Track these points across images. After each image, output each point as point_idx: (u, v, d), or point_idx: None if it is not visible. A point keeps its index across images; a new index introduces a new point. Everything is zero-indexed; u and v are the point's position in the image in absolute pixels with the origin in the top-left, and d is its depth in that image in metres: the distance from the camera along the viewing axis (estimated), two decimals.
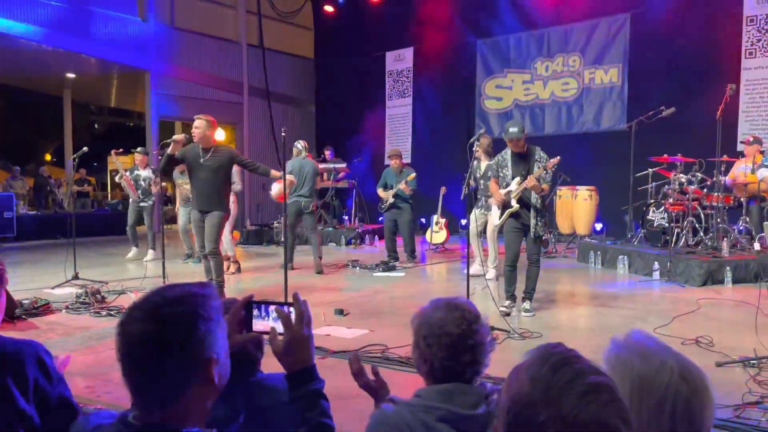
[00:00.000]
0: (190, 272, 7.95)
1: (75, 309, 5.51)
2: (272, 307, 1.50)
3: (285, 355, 1.43)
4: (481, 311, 1.72)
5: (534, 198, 5.30)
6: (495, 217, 5.62)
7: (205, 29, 14.76)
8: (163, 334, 1.11)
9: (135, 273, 7.71)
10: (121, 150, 9.74)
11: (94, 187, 17.63)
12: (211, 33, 14.90)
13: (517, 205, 5.32)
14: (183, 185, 8.63)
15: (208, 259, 5.92)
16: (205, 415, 1.20)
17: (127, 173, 9.36)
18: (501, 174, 5.49)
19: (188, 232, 8.97)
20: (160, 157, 8.09)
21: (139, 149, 9.52)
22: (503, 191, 5.40)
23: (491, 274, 7.07)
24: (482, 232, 7.43)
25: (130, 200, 9.49)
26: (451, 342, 1.59)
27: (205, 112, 5.78)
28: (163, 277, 6.71)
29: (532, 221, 5.29)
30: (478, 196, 7.53)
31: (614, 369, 1.17)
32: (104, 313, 5.37)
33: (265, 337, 1.48)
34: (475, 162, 7.52)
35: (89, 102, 26.24)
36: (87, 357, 4.09)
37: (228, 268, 7.97)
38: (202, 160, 5.79)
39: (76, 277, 6.87)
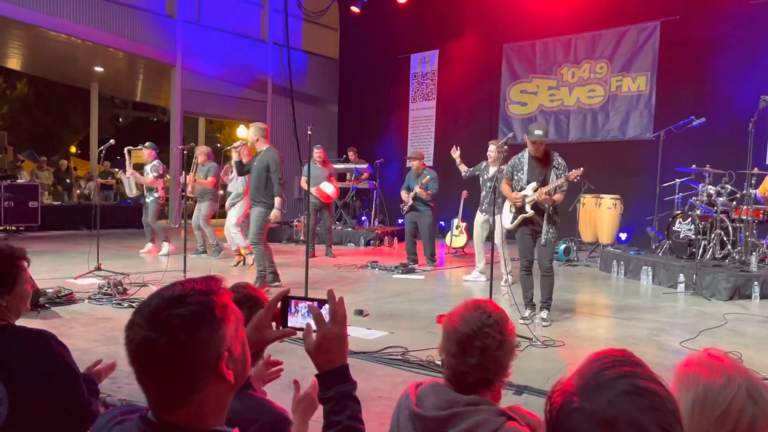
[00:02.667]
0: (205, 266, 7.99)
1: (97, 300, 5.55)
2: (305, 303, 1.48)
3: (317, 353, 1.39)
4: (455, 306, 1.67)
5: (546, 206, 5.23)
6: (506, 220, 5.52)
7: (231, 27, 14.87)
8: (161, 341, 1.06)
9: (156, 266, 7.76)
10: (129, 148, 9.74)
11: (118, 180, 17.81)
12: (237, 31, 15.01)
13: (532, 212, 5.25)
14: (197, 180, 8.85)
15: (261, 251, 6.51)
16: (225, 409, 1.16)
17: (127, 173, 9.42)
18: (515, 177, 5.40)
19: (200, 228, 9.07)
20: (184, 153, 8.21)
21: (147, 144, 9.55)
22: (519, 194, 5.31)
23: (509, 280, 6.99)
24: (487, 237, 7.37)
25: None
26: (460, 339, 1.56)
27: (229, 109, 6.21)
28: (183, 271, 6.76)
29: (544, 228, 5.21)
30: (481, 200, 7.48)
31: (681, 380, 1.15)
32: (125, 304, 5.40)
33: (300, 333, 1.45)
34: (484, 163, 7.48)
35: (115, 95, 26.62)
36: (109, 347, 4.11)
37: (237, 264, 8.20)
38: (253, 163, 6.58)
39: (98, 268, 6.94)
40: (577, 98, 12.19)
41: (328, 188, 9.23)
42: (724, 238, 7.36)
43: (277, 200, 6.42)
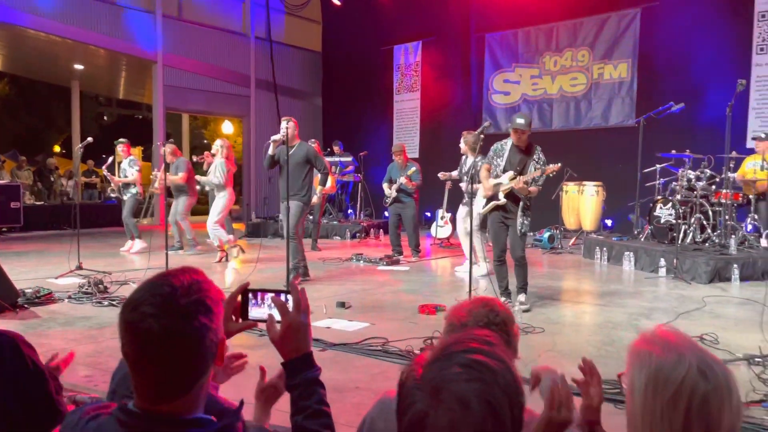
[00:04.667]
0: (186, 263, 7.96)
1: (77, 299, 5.51)
2: (268, 295, 1.50)
3: (282, 342, 1.43)
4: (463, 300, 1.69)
5: (523, 196, 5.26)
6: (479, 205, 5.54)
7: (212, 21, 14.76)
8: (185, 327, 1.10)
9: (138, 264, 7.72)
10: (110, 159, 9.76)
11: (102, 179, 17.67)
12: (218, 25, 14.91)
13: (504, 200, 5.27)
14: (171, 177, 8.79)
15: (299, 246, 6.59)
16: (206, 396, 1.19)
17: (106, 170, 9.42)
18: (494, 162, 5.41)
19: (177, 224, 9.03)
20: (163, 149, 8.14)
21: (121, 139, 9.51)
22: (492, 182, 5.34)
23: (485, 268, 7.00)
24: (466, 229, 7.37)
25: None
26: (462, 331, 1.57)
27: (212, 105, 6.04)
28: (166, 268, 6.72)
29: (519, 219, 5.23)
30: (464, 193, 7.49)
31: (634, 358, 1.15)
32: (106, 303, 5.37)
33: (262, 324, 1.48)
34: (463, 157, 7.48)
35: (98, 93, 26.37)
36: (87, 347, 4.09)
37: (220, 260, 8.15)
38: (286, 156, 6.38)
39: (79, 267, 6.89)
40: (559, 86, 12.22)
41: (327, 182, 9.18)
42: (704, 222, 7.43)
43: (321, 188, 6.78)
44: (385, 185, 8.75)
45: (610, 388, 3.24)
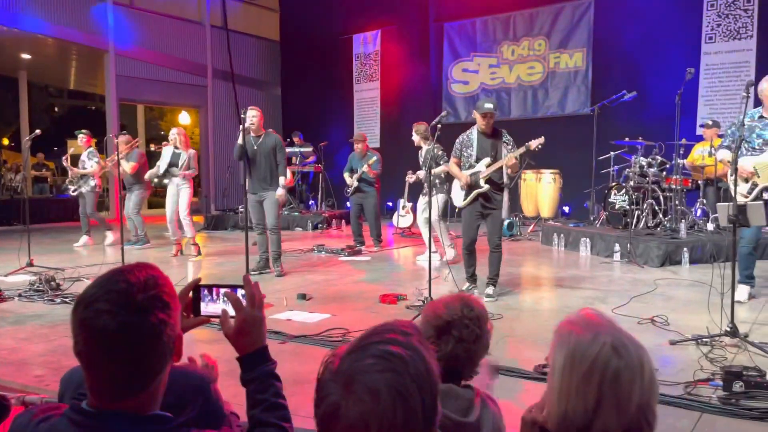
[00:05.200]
0: (146, 258, 7.80)
1: (28, 297, 5.34)
2: (222, 290, 1.49)
3: (237, 337, 1.43)
4: (443, 295, 1.72)
5: (505, 179, 5.31)
6: (458, 199, 5.53)
7: (166, 9, 14.40)
8: (142, 323, 1.08)
9: (92, 259, 7.52)
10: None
11: (54, 172, 17.10)
12: (172, 13, 14.55)
13: (487, 186, 5.29)
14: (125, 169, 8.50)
15: (265, 234, 6.58)
16: (162, 395, 1.18)
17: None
18: (465, 154, 5.44)
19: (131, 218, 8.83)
20: (116, 141, 7.90)
21: (82, 131, 9.25)
22: (468, 172, 5.36)
23: (451, 254, 7.07)
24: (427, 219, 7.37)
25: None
26: (438, 324, 1.59)
27: (168, 95, 5.84)
28: (122, 263, 6.57)
29: (505, 201, 5.30)
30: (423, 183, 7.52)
31: (557, 338, 1.19)
32: (58, 300, 5.22)
33: (215, 320, 1.48)
34: (420, 150, 7.49)
35: (48, 84, 25.45)
36: (39, 346, 3.97)
37: (177, 255, 7.96)
38: (255, 146, 6.41)
39: (30, 264, 6.67)
40: (517, 75, 12.36)
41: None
42: (656, 208, 7.66)
43: (285, 180, 6.59)
44: (346, 175, 8.73)
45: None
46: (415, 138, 7.30)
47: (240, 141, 6.33)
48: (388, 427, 0.88)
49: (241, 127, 6.28)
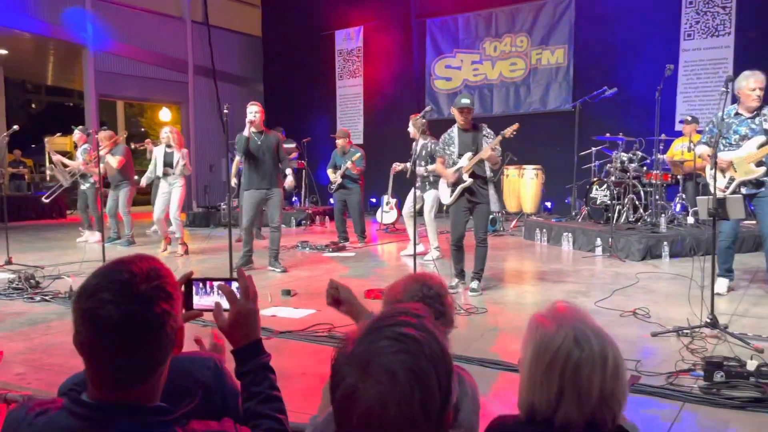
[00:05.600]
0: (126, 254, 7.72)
1: (7, 295, 5.26)
2: (216, 283, 1.50)
3: (231, 330, 1.43)
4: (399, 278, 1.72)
5: (488, 172, 5.33)
6: (445, 196, 5.55)
7: (146, 5, 14.21)
8: (146, 313, 1.08)
9: (72, 257, 7.42)
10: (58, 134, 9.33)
11: (31, 169, 16.81)
12: (153, 8, 14.36)
13: (471, 180, 5.31)
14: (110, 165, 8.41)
15: (252, 235, 6.63)
16: (162, 387, 1.19)
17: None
18: (447, 152, 5.46)
19: (117, 216, 8.74)
20: (96, 137, 7.79)
21: (80, 127, 9.15)
22: (452, 169, 5.38)
23: (434, 254, 7.11)
24: (419, 213, 7.37)
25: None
26: None
27: (149, 91, 5.76)
28: (103, 261, 6.50)
29: (492, 197, 5.34)
30: (417, 179, 7.52)
31: (528, 331, 1.23)
32: (38, 298, 5.15)
33: (206, 314, 1.49)
34: (414, 142, 7.50)
35: (25, 80, 25.04)
36: (19, 344, 3.91)
37: (165, 249, 7.87)
38: (259, 142, 6.30)
39: (9, 262, 6.57)
40: (499, 72, 12.42)
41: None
42: (637, 202, 7.75)
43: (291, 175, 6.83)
44: (329, 171, 8.71)
45: None
46: (411, 130, 7.25)
47: (246, 133, 6.22)
48: (407, 407, 0.89)
49: (247, 119, 6.20)
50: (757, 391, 2.88)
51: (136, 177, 8.83)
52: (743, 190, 4.77)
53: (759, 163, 4.71)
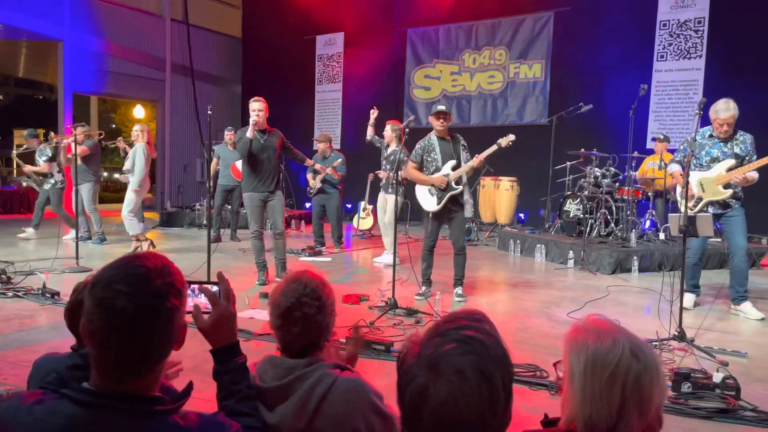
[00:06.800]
0: (99, 253, 7.62)
1: None
2: (196, 286, 1.53)
3: (213, 330, 1.49)
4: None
5: (464, 180, 5.43)
6: (430, 204, 5.58)
7: (125, 1, 14.04)
8: (158, 307, 1.13)
9: (44, 254, 7.29)
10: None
11: (4, 162, 16.42)
12: (131, 5, 14.21)
13: (461, 187, 5.39)
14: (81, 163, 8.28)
15: (262, 239, 6.11)
16: (160, 380, 1.23)
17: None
18: (429, 158, 5.50)
19: (85, 213, 8.60)
20: (75, 132, 7.66)
21: (27, 133, 8.99)
22: (438, 175, 5.40)
23: (388, 259, 7.13)
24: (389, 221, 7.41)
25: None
26: (281, 313, 1.64)
27: (124, 88, 5.59)
28: (76, 258, 6.41)
29: (469, 202, 5.43)
30: (382, 180, 7.59)
31: (572, 348, 1.24)
32: (10, 294, 5.05)
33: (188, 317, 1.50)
34: (385, 142, 7.55)
35: None
36: None
37: (140, 248, 7.73)
38: (262, 142, 5.91)
39: None
40: (478, 84, 12.60)
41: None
42: (608, 217, 7.94)
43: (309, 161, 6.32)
44: (309, 176, 8.72)
45: (523, 372, 3.45)
46: (387, 134, 7.34)
47: (249, 134, 5.80)
48: (476, 404, 0.95)
49: (251, 119, 5.84)
50: (722, 402, 3.01)
51: (106, 174, 8.71)
52: (710, 210, 4.95)
53: (726, 185, 4.89)
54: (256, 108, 5.93)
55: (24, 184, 9.05)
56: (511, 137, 5.38)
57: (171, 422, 1.16)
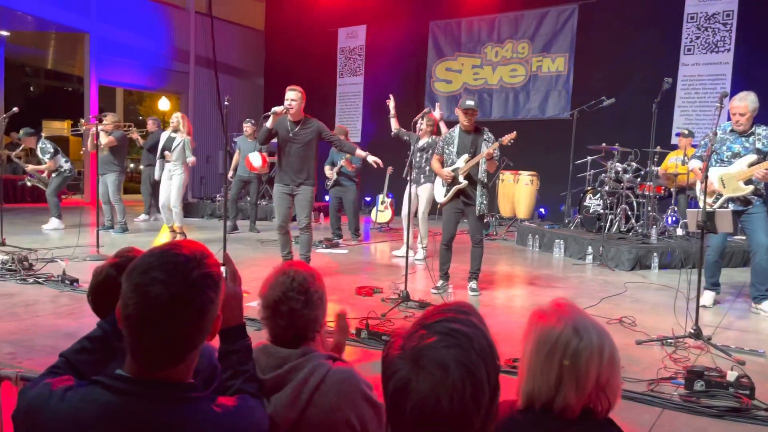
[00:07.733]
0: (121, 243, 7.74)
1: (0, 276, 5.27)
2: None
3: (221, 311, 1.48)
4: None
5: (481, 175, 5.39)
6: (439, 195, 5.63)
7: None
8: (194, 297, 1.12)
9: (66, 242, 7.44)
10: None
11: (27, 153, 16.76)
12: None
13: (466, 182, 5.37)
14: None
15: (288, 233, 5.82)
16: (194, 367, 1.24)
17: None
18: (447, 151, 5.51)
19: (108, 202, 8.72)
20: (96, 128, 7.79)
21: (22, 133, 9.13)
22: (448, 169, 5.43)
23: (420, 254, 7.15)
24: (414, 214, 7.37)
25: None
26: (268, 305, 1.65)
27: (149, 80, 5.60)
28: (97, 247, 6.53)
29: (478, 199, 5.38)
30: (413, 171, 7.51)
31: (528, 327, 1.30)
32: (31, 280, 5.17)
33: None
34: (415, 135, 7.48)
35: (24, 63, 24.93)
36: (10, 324, 3.94)
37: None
38: (291, 134, 5.67)
39: (2, 243, 6.58)
40: (500, 77, 12.48)
41: (256, 160, 9.05)
42: (629, 213, 7.82)
43: (360, 152, 6.06)
44: (326, 168, 8.75)
45: None
46: (423, 126, 7.19)
47: (268, 124, 5.62)
48: (459, 399, 0.93)
49: (273, 108, 5.67)
50: (735, 401, 2.95)
51: (132, 165, 8.84)
52: (731, 207, 4.84)
53: (748, 182, 4.77)
54: (289, 97, 5.73)
55: (29, 183, 9.20)
56: (513, 135, 5.31)
57: (207, 409, 1.17)
